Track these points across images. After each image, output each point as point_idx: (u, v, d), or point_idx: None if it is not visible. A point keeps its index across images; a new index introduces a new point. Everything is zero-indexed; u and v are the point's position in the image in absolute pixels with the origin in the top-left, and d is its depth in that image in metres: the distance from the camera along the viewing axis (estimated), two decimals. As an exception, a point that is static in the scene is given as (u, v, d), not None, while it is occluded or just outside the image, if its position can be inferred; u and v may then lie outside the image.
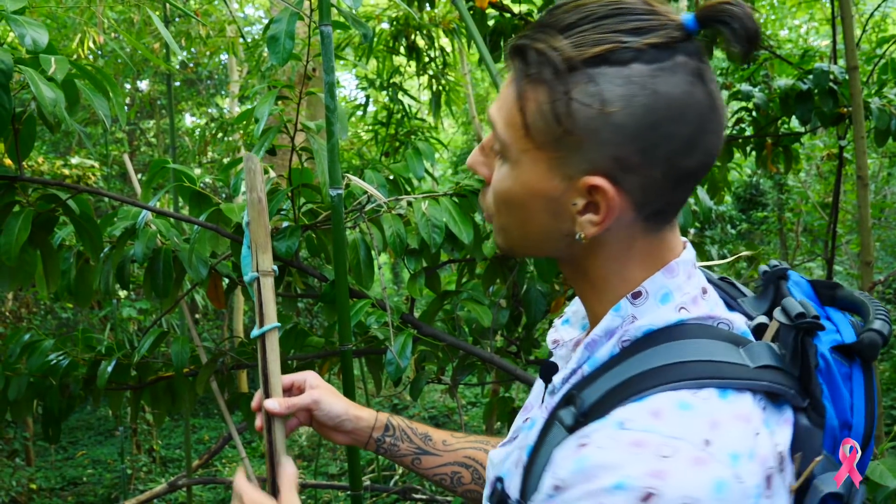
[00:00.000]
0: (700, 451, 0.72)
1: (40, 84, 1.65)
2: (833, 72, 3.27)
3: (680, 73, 0.77)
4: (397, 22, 4.29)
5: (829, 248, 4.27)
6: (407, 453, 1.23)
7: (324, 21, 1.71)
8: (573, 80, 0.77)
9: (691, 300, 0.86)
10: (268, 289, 1.23)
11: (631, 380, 0.80)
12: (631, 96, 0.76)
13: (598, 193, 0.80)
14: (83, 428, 8.77)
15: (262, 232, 1.23)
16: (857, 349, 0.86)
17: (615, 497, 0.71)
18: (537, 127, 0.80)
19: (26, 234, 1.97)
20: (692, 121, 0.78)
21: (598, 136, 0.78)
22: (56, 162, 5.91)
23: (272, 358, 1.22)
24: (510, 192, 0.86)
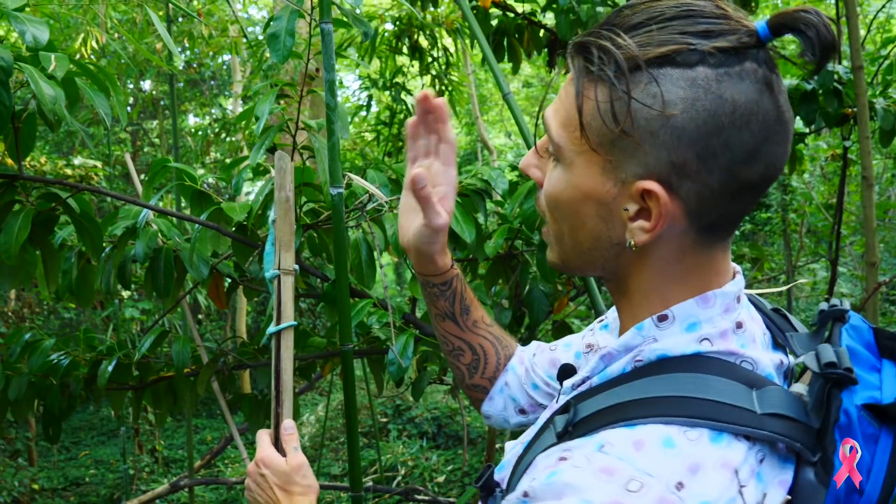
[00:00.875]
0: (668, 493, 0.70)
1: (40, 81, 1.65)
2: (838, 72, 3.26)
3: (747, 81, 0.75)
4: (400, 21, 4.28)
5: (833, 250, 4.25)
6: (443, 309, 1.21)
7: (324, 19, 1.70)
8: (635, 80, 0.75)
9: (719, 333, 0.82)
10: (288, 287, 1.24)
11: (627, 404, 0.78)
12: (694, 99, 0.74)
13: (651, 199, 0.78)
14: (86, 428, 8.77)
15: (287, 230, 1.24)
16: (891, 412, 0.80)
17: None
18: (594, 126, 0.79)
19: (26, 233, 1.96)
20: (756, 130, 0.75)
21: (656, 139, 0.75)
22: (59, 162, 5.91)
23: (286, 356, 1.24)
24: (562, 196, 0.85)
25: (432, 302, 1.21)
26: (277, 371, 1.24)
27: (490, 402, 1.27)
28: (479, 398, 1.28)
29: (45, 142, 8.40)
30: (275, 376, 1.25)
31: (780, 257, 8.64)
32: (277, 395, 1.27)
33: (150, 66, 6.76)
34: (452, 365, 1.27)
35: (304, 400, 8.67)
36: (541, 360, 1.22)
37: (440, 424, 7.69)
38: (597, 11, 3.10)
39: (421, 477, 6.54)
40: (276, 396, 1.28)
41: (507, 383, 1.24)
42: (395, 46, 4.34)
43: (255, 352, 2.43)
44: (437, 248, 1.12)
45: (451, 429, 7.56)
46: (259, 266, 2.23)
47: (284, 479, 1.19)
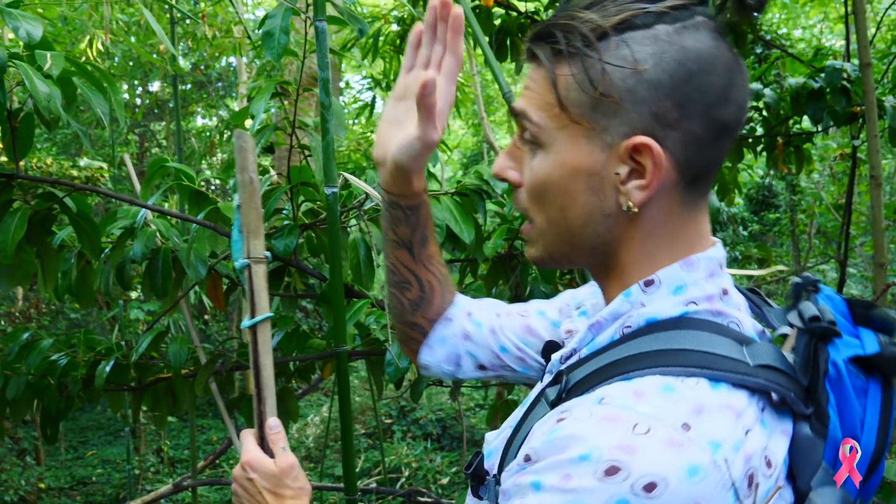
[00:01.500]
0: (676, 434, 0.70)
1: (34, 79, 1.64)
2: (846, 69, 3.22)
3: (703, 30, 0.80)
4: (403, 22, 4.26)
5: (842, 251, 4.22)
6: (402, 236, 1.14)
7: (319, 16, 1.69)
8: (604, 46, 0.79)
9: (706, 297, 0.84)
10: (260, 276, 1.17)
11: (621, 360, 0.79)
12: (661, 53, 0.78)
13: (642, 154, 0.80)
14: (93, 428, 8.79)
15: (255, 215, 1.17)
16: (876, 362, 0.83)
17: (579, 468, 0.70)
18: (573, 98, 0.81)
19: (22, 232, 1.95)
20: (722, 73, 0.80)
21: (635, 95, 0.79)
22: (65, 163, 5.92)
23: (264, 350, 1.16)
24: (549, 178, 0.85)
25: (393, 226, 1.14)
26: (256, 367, 1.16)
27: (430, 351, 1.22)
28: (415, 338, 1.22)
29: (52, 143, 8.43)
30: (254, 373, 1.17)
31: (788, 258, 8.59)
32: (259, 393, 1.18)
33: (156, 68, 6.76)
34: (394, 297, 1.20)
35: (309, 400, 8.67)
36: (511, 324, 1.18)
37: (444, 426, 7.67)
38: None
39: (425, 479, 6.52)
40: (258, 394, 1.19)
41: (465, 335, 1.20)
42: (398, 46, 4.32)
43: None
44: (420, 165, 1.07)
45: (456, 430, 7.55)
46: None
47: (274, 483, 1.11)
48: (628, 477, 0.68)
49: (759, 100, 3.65)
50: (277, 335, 2.43)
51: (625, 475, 0.68)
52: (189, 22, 6.28)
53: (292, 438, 7.79)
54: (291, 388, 2.51)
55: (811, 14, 11.42)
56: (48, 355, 2.36)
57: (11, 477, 6.14)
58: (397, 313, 1.22)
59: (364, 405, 8.11)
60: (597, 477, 0.69)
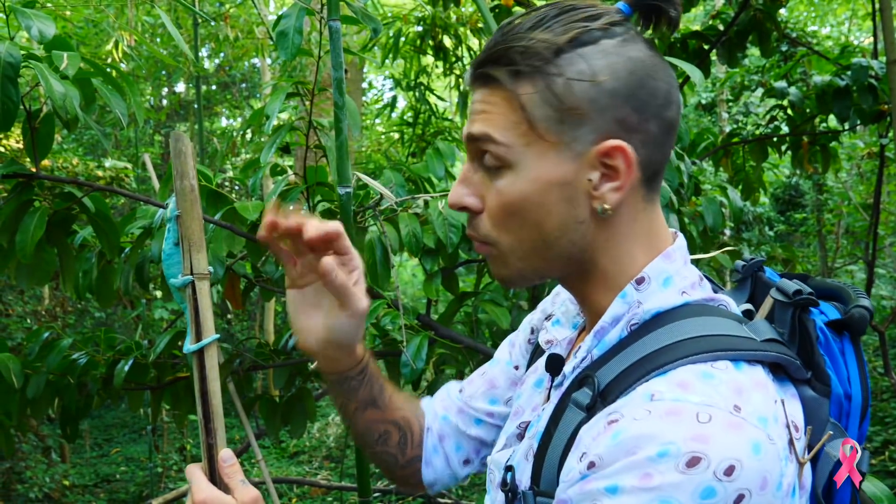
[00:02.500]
0: (733, 416, 0.74)
1: (50, 78, 1.65)
2: (872, 67, 3.17)
3: (639, 42, 0.87)
4: (424, 22, 4.25)
5: (870, 251, 4.16)
6: (364, 399, 1.12)
7: (332, 16, 1.68)
8: (563, 62, 0.84)
9: (690, 285, 0.89)
10: (205, 294, 1.06)
11: (648, 357, 0.82)
12: (613, 64, 0.84)
13: (614, 157, 0.84)
14: (118, 425, 8.87)
15: (196, 226, 1.06)
16: (848, 324, 0.90)
17: (659, 465, 0.72)
18: (538, 115, 0.84)
19: (41, 232, 1.97)
20: (663, 77, 0.87)
21: (598, 105, 0.84)
22: (90, 164, 5.97)
23: (212, 376, 1.05)
24: (520, 196, 0.87)
25: (351, 397, 1.12)
26: (204, 395, 1.03)
27: (429, 468, 1.19)
28: (416, 471, 1.19)
29: (78, 144, 8.51)
30: (201, 402, 1.04)
31: (815, 259, 8.49)
32: (206, 424, 1.05)
33: (180, 69, 6.81)
34: (381, 455, 1.17)
35: (330, 400, 8.69)
36: (473, 391, 1.18)
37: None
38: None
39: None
40: (205, 425, 1.06)
41: (440, 437, 1.18)
42: (419, 46, 4.32)
43: (272, 353, 2.42)
44: (360, 334, 1.06)
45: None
46: (274, 267, 2.22)
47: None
48: (709, 465, 0.71)
49: (785, 98, 3.61)
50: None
51: (706, 464, 0.71)
52: (213, 24, 6.32)
53: (313, 438, 7.82)
54: (309, 388, 2.51)
55: (839, 11, 11.30)
56: (68, 354, 2.38)
57: (36, 474, 6.21)
58: (391, 465, 1.18)
59: (386, 405, 8.12)
60: (680, 470, 0.72)
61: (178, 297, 1.09)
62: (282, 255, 1.04)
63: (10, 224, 2.02)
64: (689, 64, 1.93)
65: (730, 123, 9.05)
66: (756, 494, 0.73)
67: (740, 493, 0.72)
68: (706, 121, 9.72)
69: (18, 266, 2.14)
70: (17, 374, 2.26)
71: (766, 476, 0.74)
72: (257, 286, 2.34)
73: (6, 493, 6.07)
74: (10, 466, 6.09)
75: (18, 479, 6.15)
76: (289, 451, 7.78)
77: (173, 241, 1.09)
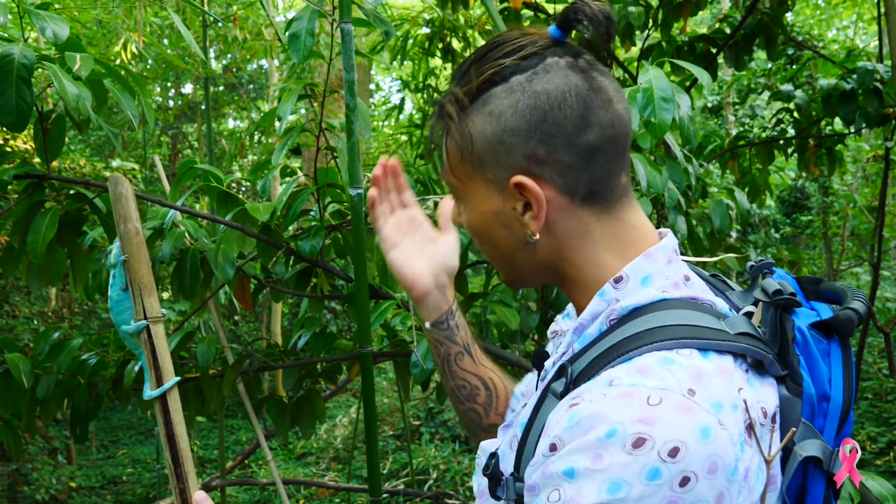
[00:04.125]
0: (685, 400, 0.77)
1: (63, 80, 1.66)
2: (878, 70, 3.18)
3: (552, 71, 0.90)
4: (432, 24, 4.26)
5: (875, 253, 4.16)
6: (462, 342, 1.21)
7: (344, 18, 1.69)
8: (474, 111, 0.93)
9: (672, 284, 0.92)
10: (161, 338, 1.06)
11: (617, 344, 0.86)
12: (516, 102, 0.90)
13: (525, 190, 0.91)
14: (124, 427, 8.88)
15: (145, 270, 1.06)
16: (833, 325, 0.91)
17: (609, 445, 0.75)
18: (463, 159, 0.94)
19: (52, 233, 1.98)
20: (574, 104, 0.89)
21: (504, 144, 0.91)
22: (98, 165, 5.99)
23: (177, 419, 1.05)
24: (471, 224, 0.99)
25: (453, 339, 1.21)
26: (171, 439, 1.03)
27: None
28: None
29: (86, 145, 8.53)
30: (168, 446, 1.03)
31: (821, 261, 8.48)
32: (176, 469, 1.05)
33: (188, 71, 6.82)
34: (469, 413, 1.24)
35: (338, 401, 8.69)
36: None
37: (474, 427, 7.65)
38: (628, 11, 3.06)
39: (452, 481, 6.51)
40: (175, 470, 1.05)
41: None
42: (427, 49, 4.33)
43: (281, 353, 2.43)
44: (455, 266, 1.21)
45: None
46: (284, 268, 2.23)
47: None
48: (654, 446, 0.74)
49: (791, 101, 3.61)
50: (305, 336, 2.44)
51: (651, 445, 0.74)
52: (221, 25, 6.33)
53: (320, 440, 7.83)
54: (318, 389, 2.52)
55: (845, 15, 11.28)
56: (78, 355, 2.39)
57: (43, 476, 6.22)
58: (475, 425, 1.25)
59: (392, 406, 8.12)
60: (626, 451, 0.75)
61: (132, 343, 1.08)
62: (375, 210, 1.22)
63: (22, 224, 2.04)
64: (697, 67, 1.94)
65: (736, 126, 9.05)
66: (703, 478, 0.75)
67: (685, 476, 0.75)
68: (712, 124, 9.72)
69: (29, 266, 2.16)
70: (27, 375, 2.28)
71: (715, 461, 0.76)
72: (267, 287, 2.35)
73: (12, 495, 6.08)
74: (16, 468, 6.10)
75: (25, 481, 6.16)
76: (296, 453, 7.79)
77: (120, 286, 1.08)
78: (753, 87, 6.91)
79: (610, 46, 1.03)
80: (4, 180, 1.97)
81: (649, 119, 1.72)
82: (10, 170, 1.99)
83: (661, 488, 0.74)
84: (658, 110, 1.73)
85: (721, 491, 0.77)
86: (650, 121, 1.72)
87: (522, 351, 2.40)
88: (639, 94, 1.75)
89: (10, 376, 2.29)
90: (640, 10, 3.13)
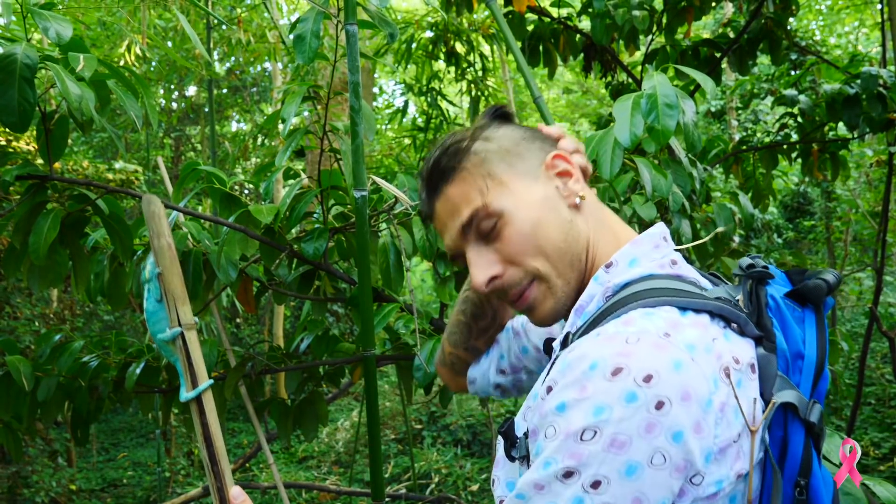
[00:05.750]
0: (660, 340, 0.88)
1: (66, 80, 1.65)
2: (882, 76, 3.18)
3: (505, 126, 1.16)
4: (437, 27, 4.26)
5: (878, 258, 4.15)
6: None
7: (349, 20, 1.68)
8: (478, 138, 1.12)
9: (659, 265, 1.04)
10: (195, 343, 1.12)
11: (608, 308, 0.98)
12: (505, 131, 1.14)
13: (558, 163, 1.10)
14: (125, 430, 8.87)
15: (178, 281, 1.14)
16: (804, 292, 1.02)
17: (592, 377, 0.86)
18: (492, 170, 1.08)
19: (54, 234, 1.97)
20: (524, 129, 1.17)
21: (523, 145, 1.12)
22: (100, 166, 5.99)
23: (212, 419, 1.12)
24: (525, 222, 1.06)
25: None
26: (207, 439, 1.09)
27: (476, 365, 1.40)
28: (466, 361, 1.40)
29: (88, 146, 8.53)
30: (205, 446, 1.09)
31: (823, 266, 8.45)
32: (213, 467, 1.10)
33: (192, 72, 6.83)
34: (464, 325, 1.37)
35: (340, 405, 8.68)
36: (535, 328, 1.32)
37: (475, 432, 7.64)
38: (632, 15, 3.05)
39: (454, 485, 6.50)
40: (213, 468, 1.11)
41: (497, 341, 1.38)
42: (431, 52, 4.32)
43: (284, 356, 2.42)
44: None
45: (486, 437, 7.51)
46: (287, 270, 2.22)
47: None
48: (630, 373, 0.85)
49: (794, 106, 3.61)
50: (307, 339, 2.43)
51: (627, 372, 0.85)
52: (225, 27, 6.33)
53: (322, 443, 7.82)
54: (321, 392, 2.51)
55: (847, 21, 11.28)
56: (79, 357, 2.38)
57: (43, 478, 6.21)
58: (461, 339, 1.38)
59: (394, 410, 8.11)
60: (606, 378, 0.85)
61: (168, 350, 1.15)
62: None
63: (24, 225, 2.03)
64: (701, 74, 1.93)
65: (739, 131, 9.04)
66: (678, 404, 0.84)
67: (659, 400, 0.84)
68: (715, 128, 9.71)
69: (31, 268, 2.15)
70: (28, 377, 2.27)
71: (687, 390, 0.85)
72: (270, 289, 2.34)
73: (12, 498, 6.07)
74: (16, 470, 6.09)
75: (25, 484, 6.15)
76: (297, 456, 7.78)
77: (155, 298, 1.16)
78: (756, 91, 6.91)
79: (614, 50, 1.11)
80: (7, 181, 1.97)
81: (653, 125, 1.71)
82: (12, 170, 1.99)
83: (639, 410, 0.84)
84: (662, 116, 1.73)
85: (697, 419, 0.85)
86: (654, 127, 1.71)
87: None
88: (643, 100, 1.74)
89: (10, 378, 2.28)
90: (644, 14, 3.12)
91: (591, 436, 0.85)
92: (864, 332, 3.97)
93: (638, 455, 0.84)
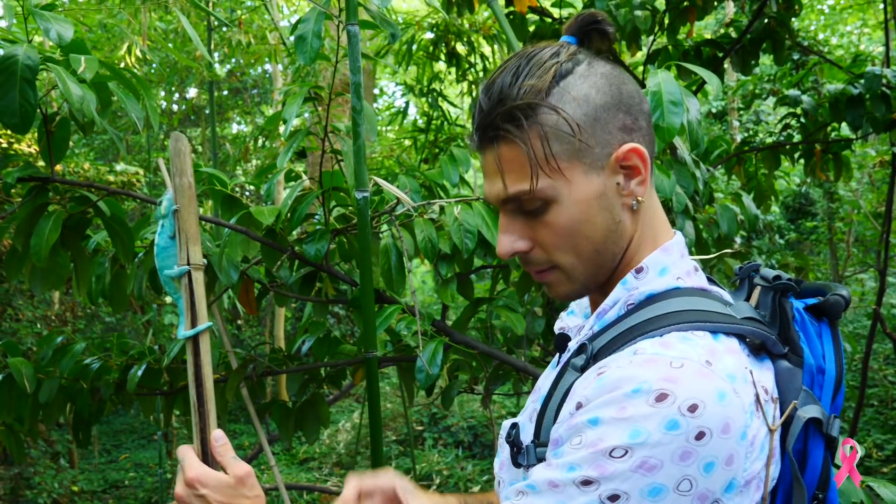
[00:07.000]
0: (703, 368, 0.86)
1: (67, 81, 1.65)
2: (885, 75, 3.17)
3: (599, 59, 1.00)
4: (437, 28, 4.26)
5: (881, 259, 4.14)
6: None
7: (351, 20, 1.68)
8: (554, 99, 0.95)
9: (685, 273, 1.01)
10: (199, 284, 1.15)
11: (636, 326, 0.94)
12: (595, 83, 0.97)
13: (630, 159, 0.97)
14: (127, 431, 8.87)
15: (193, 220, 1.15)
16: (823, 308, 1.02)
17: (634, 399, 0.84)
18: (554, 151, 0.96)
19: (56, 236, 1.97)
20: (630, 80, 1.00)
21: (599, 121, 0.96)
22: (102, 168, 5.99)
23: (206, 361, 1.13)
24: (570, 220, 0.98)
25: None
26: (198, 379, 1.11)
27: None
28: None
29: (90, 148, 8.53)
30: (195, 385, 1.11)
31: (826, 267, 8.45)
32: (200, 407, 1.13)
33: (193, 74, 6.82)
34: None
35: (341, 406, 8.68)
36: None
37: (476, 434, 7.64)
38: (634, 15, 3.04)
39: (456, 486, 6.49)
40: (199, 408, 1.13)
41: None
42: (432, 53, 4.32)
43: (286, 358, 2.41)
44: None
45: (488, 438, 7.50)
46: (288, 272, 2.21)
47: (230, 494, 1.10)
48: (675, 401, 0.83)
49: (797, 106, 3.60)
50: (309, 340, 2.43)
51: (672, 399, 0.83)
52: (226, 29, 6.33)
53: (323, 445, 7.81)
54: (322, 393, 2.51)
55: (849, 21, 11.27)
56: (81, 359, 2.37)
57: (45, 480, 6.21)
58: None
59: (396, 412, 8.10)
60: (649, 404, 0.83)
61: (172, 287, 1.16)
62: None
63: (25, 228, 2.02)
64: (706, 71, 1.92)
65: (741, 132, 9.03)
66: (717, 436, 0.83)
67: (701, 430, 0.82)
68: (717, 129, 9.71)
69: (32, 270, 2.15)
70: (30, 379, 2.27)
71: (728, 422, 0.84)
72: (271, 291, 2.34)
73: (14, 499, 6.07)
74: (18, 472, 6.09)
75: (27, 485, 6.15)
76: (298, 458, 7.77)
77: (168, 234, 1.16)
78: (758, 92, 6.90)
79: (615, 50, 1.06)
80: (8, 183, 1.96)
81: (658, 123, 1.71)
82: (13, 172, 1.98)
83: (677, 438, 0.82)
84: (667, 114, 1.72)
85: (731, 452, 0.85)
86: (659, 125, 1.71)
87: (528, 356, 2.38)
88: (647, 98, 1.74)
89: (13, 380, 2.27)
90: (646, 14, 3.11)
91: (622, 454, 0.84)
92: (867, 334, 3.96)
93: (665, 479, 0.83)
